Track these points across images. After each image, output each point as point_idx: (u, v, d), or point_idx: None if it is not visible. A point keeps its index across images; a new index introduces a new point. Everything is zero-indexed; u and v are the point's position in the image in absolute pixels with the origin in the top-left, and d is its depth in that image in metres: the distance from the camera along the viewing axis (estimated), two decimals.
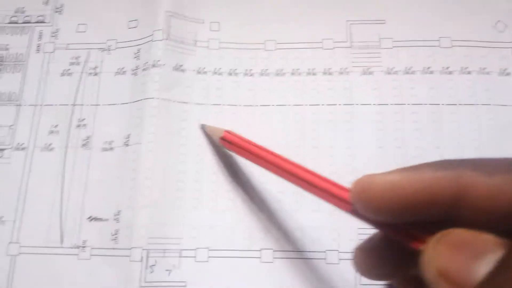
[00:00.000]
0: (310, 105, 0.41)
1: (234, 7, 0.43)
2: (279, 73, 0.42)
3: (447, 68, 0.41)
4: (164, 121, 0.40)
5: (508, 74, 0.40)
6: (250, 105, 0.41)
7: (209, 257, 0.37)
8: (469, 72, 0.41)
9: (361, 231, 0.37)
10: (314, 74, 0.42)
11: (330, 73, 0.41)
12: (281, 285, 0.36)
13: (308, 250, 0.38)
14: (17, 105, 0.43)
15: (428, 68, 0.41)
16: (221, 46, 0.43)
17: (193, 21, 0.43)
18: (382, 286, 0.34)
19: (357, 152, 0.40)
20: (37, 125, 0.43)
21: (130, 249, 0.38)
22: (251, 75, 0.42)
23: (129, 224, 0.38)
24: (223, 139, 0.37)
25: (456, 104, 0.40)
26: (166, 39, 0.42)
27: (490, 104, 0.40)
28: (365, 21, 0.43)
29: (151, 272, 0.37)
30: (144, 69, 0.41)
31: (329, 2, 0.44)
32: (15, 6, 0.46)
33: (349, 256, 0.36)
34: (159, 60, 0.41)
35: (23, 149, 0.42)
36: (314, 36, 0.43)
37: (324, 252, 0.38)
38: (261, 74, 0.42)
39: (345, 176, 0.37)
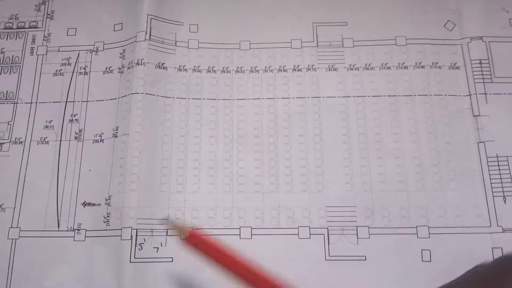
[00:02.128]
0: (281, 98, 0.43)
1: (211, 10, 0.45)
2: (253, 70, 0.43)
3: (403, 63, 0.43)
4: (149, 114, 0.41)
5: (457, 67, 0.43)
6: (228, 99, 0.42)
7: (198, 231, 0.38)
8: (423, 67, 0.43)
9: (329, 209, 0.38)
10: (285, 70, 0.43)
11: (299, 70, 0.43)
12: (259, 258, 0.38)
13: (282, 227, 0.39)
14: (14, 103, 0.44)
15: (386, 64, 0.43)
16: (200, 46, 0.44)
17: (173, 23, 0.44)
18: (348, 258, 0.36)
19: (325, 139, 0.41)
20: (33, 120, 0.44)
21: (121, 229, 0.39)
22: (228, 72, 0.43)
23: (119, 207, 0.39)
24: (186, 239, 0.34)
25: (411, 95, 0.42)
26: (149, 39, 0.43)
27: (442, 95, 0.42)
28: (329, 23, 0.45)
29: (140, 250, 0.38)
30: (129, 67, 0.42)
31: (297, 7, 0.46)
32: (10, 13, 0.47)
33: (318, 231, 0.38)
34: (143, 59, 0.42)
35: (20, 142, 0.43)
36: (284, 37, 0.45)
37: (297, 228, 0.39)
38: (237, 71, 0.43)
39: (314, 161, 0.39)
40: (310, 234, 0.40)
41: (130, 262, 0.38)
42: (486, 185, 0.40)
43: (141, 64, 0.42)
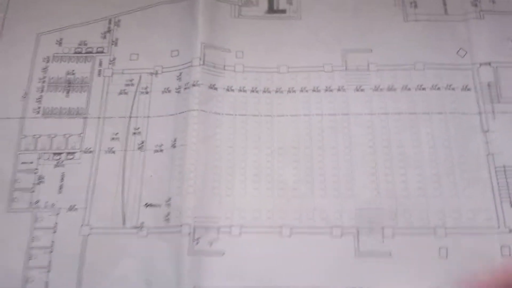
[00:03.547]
0: (316, 114, 0.46)
1: (254, 39, 0.49)
2: (290, 91, 0.47)
3: (421, 85, 0.46)
4: (203, 127, 0.45)
5: (469, 89, 0.46)
6: (269, 115, 0.46)
7: (241, 232, 0.42)
8: (438, 88, 0.46)
9: (358, 211, 0.42)
10: (318, 91, 0.47)
11: (330, 90, 0.47)
12: (296, 254, 0.41)
13: (317, 226, 0.42)
14: (84, 117, 0.47)
15: (406, 85, 0.46)
16: (244, 70, 0.48)
17: (222, 50, 0.48)
18: (375, 254, 0.39)
19: (353, 150, 0.45)
20: (101, 133, 0.47)
21: (180, 226, 0.42)
22: (269, 92, 0.47)
23: (178, 207, 0.43)
24: None
25: (429, 113, 0.45)
26: (202, 64, 0.46)
27: (455, 113, 0.45)
28: (356, 50, 0.48)
29: (197, 244, 0.41)
30: (185, 88, 0.46)
31: (328, 36, 0.49)
32: (79, 40, 0.51)
33: (349, 230, 0.42)
34: (198, 81, 0.46)
35: (90, 152, 0.46)
36: (317, 61, 0.48)
37: (330, 227, 0.42)
38: (276, 91, 0.47)
39: (345, 170, 0.43)
40: (341, 233, 0.42)
41: (188, 255, 0.41)
42: (494, 192, 0.43)
43: (196, 85, 0.46)
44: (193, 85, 0.46)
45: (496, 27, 0.48)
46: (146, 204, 0.44)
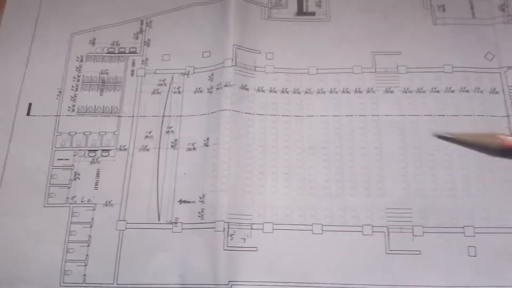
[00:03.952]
0: (345, 115, 0.47)
1: (284, 41, 0.49)
2: (320, 92, 0.47)
3: (450, 88, 0.47)
4: (235, 127, 0.46)
5: (497, 92, 0.46)
6: (299, 116, 0.46)
7: (273, 229, 0.43)
8: (467, 91, 0.46)
9: (388, 210, 0.43)
10: (348, 92, 0.47)
11: (360, 92, 0.47)
12: (327, 251, 0.42)
13: (349, 224, 0.43)
14: (118, 116, 0.48)
15: (435, 88, 0.47)
16: (275, 71, 0.48)
17: (253, 51, 0.49)
18: (406, 252, 0.40)
19: (384, 151, 0.45)
20: (135, 131, 0.48)
21: (214, 222, 0.43)
22: (299, 93, 0.48)
23: (212, 204, 0.43)
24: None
25: (458, 115, 0.46)
26: (234, 65, 0.47)
27: (483, 115, 0.46)
28: (385, 53, 0.49)
29: (231, 240, 0.42)
30: (217, 88, 0.47)
31: (357, 38, 0.50)
32: (112, 40, 0.51)
33: (380, 229, 0.43)
34: (230, 81, 0.47)
35: (125, 149, 0.47)
36: (347, 63, 0.49)
37: (361, 226, 0.43)
38: (306, 92, 0.47)
39: (375, 169, 0.44)
40: (372, 231, 0.43)
41: (223, 250, 0.41)
42: None
43: (228, 86, 0.46)
44: (226, 85, 0.47)
45: None
46: (180, 200, 0.45)
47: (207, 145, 0.45)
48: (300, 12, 0.51)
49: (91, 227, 0.44)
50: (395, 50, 0.50)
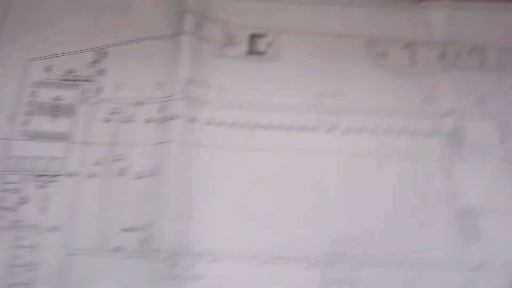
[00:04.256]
0: (290, 151, 0.50)
1: (234, 77, 0.51)
2: (268, 127, 0.49)
3: (389, 130, 0.49)
4: (182, 158, 0.47)
5: (433, 136, 0.50)
6: (246, 150, 0.49)
7: (217, 260, 0.44)
8: (404, 134, 0.50)
9: (329, 243, 0.46)
10: (293, 129, 0.50)
11: (304, 129, 0.50)
12: (268, 284, 0.45)
13: (290, 257, 0.46)
14: (69, 142, 0.49)
15: (375, 129, 0.50)
16: (224, 106, 0.50)
17: (203, 86, 0.50)
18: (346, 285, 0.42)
19: (326, 186, 0.49)
20: (84, 158, 0.48)
21: (158, 251, 0.44)
22: (247, 127, 0.50)
23: (157, 233, 0.45)
24: None
25: (394, 156, 0.49)
26: (184, 98, 0.49)
27: (420, 158, 0.50)
28: (329, 93, 0.52)
29: (175, 269, 0.43)
30: (167, 120, 0.48)
31: (304, 79, 0.53)
32: (68, 67, 0.52)
33: (320, 261, 0.45)
34: (179, 114, 0.48)
35: (73, 175, 0.48)
36: (292, 102, 0.52)
37: (302, 258, 0.46)
38: (254, 127, 0.49)
39: (316, 203, 0.48)
40: (312, 264, 0.46)
41: (165, 279, 0.43)
42: (456, 231, 0.47)
43: (177, 117, 0.48)
44: (175, 117, 0.47)
45: (460, 80, 0.52)
46: (125, 228, 0.45)
47: (155, 175, 0.46)
48: (251, 51, 0.52)
49: (36, 251, 0.44)
50: (338, 92, 0.52)
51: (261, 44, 0.53)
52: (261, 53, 0.53)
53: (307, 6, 0.55)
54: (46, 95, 0.51)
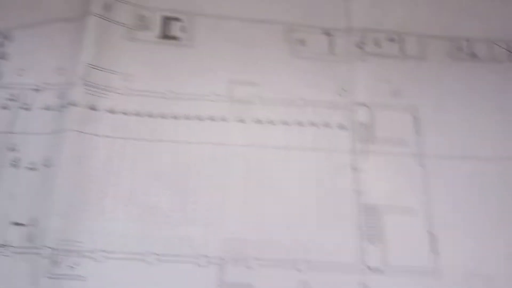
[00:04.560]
0: (196, 143, 0.48)
1: (144, 63, 0.48)
2: (175, 117, 0.46)
3: (300, 121, 0.47)
4: (78, 148, 0.44)
5: (344, 128, 0.48)
6: (149, 140, 0.46)
7: (105, 258, 0.41)
8: (315, 125, 0.47)
9: (225, 242, 0.44)
10: (201, 119, 0.47)
11: (213, 120, 0.47)
12: (161, 283, 0.42)
13: (185, 255, 0.44)
14: None
15: (286, 121, 0.47)
16: (129, 93, 0.47)
17: (108, 71, 0.47)
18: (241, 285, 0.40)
19: (228, 180, 0.46)
20: None
21: (42, 247, 0.41)
22: (152, 116, 0.47)
23: (43, 228, 0.41)
24: None
25: (303, 149, 0.47)
26: (85, 85, 0.45)
27: (329, 150, 0.47)
28: (243, 83, 0.50)
29: (58, 267, 0.40)
30: (65, 107, 0.45)
31: (218, 66, 0.51)
32: None
33: (215, 260, 0.43)
34: (77, 101, 0.45)
35: None
36: (204, 90, 0.49)
37: (197, 257, 0.44)
38: (160, 117, 0.46)
39: (217, 199, 0.46)
40: (207, 263, 0.43)
41: (47, 278, 0.40)
42: (357, 230, 0.44)
43: (74, 105, 0.45)
44: (72, 104, 0.44)
45: (378, 70, 0.49)
46: (13, 222, 0.43)
47: (48, 166, 0.43)
48: (164, 35, 0.49)
49: None
50: (252, 81, 0.49)
51: (175, 29, 0.50)
52: (174, 38, 0.49)
53: None
54: None
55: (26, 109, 0.47)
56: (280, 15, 0.52)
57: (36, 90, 0.48)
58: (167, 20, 0.51)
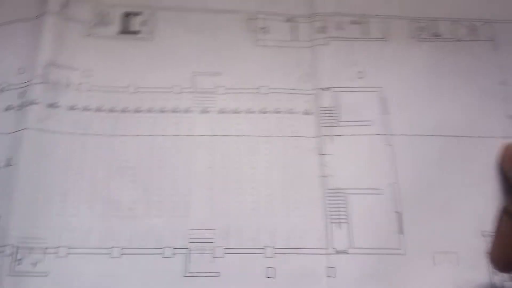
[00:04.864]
0: (160, 135, 0.45)
1: (105, 58, 0.48)
2: (137, 111, 0.46)
3: (264, 109, 0.46)
4: (38, 146, 0.44)
5: (309, 113, 0.46)
6: (112, 135, 0.45)
7: (68, 253, 0.40)
8: (279, 112, 0.46)
9: (191, 231, 0.44)
10: (164, 112, 0.46)
11: (177, 111, 0.46)
12: (125, 275, 0.41)
13: (150, 247, 0.42)
14: None
15: (250, 109, 0.46)
16: (91, 89, 0.47)
17: (68, 68, 0.47)
18: (204, 274, 0.40)
19: (193, 171, 0.44)
20: None
21: (3, 246, 0.40)
22: (115, 111, 0.46)
23: (3, 226, 0.41)
24: None
25: (269, 136, 0.45)
26: (44, 82, 0.45)
27: (294, 136, 0.45)
28: (206, 73, 0.48)
29: (19, 265, 0.39)
30: (25, 106, 0.44)
31: (180, 58, 0.50)
32: None
33: (181, 251, 0.42)
34: (36, 99, 0.44)
35: None
36: (167, 83, 0.47)
37: (162, 248, 0.41)
38: (123, 111, 0.46)
39: (182, 190, 0.44)
40: (173, 253, 0.42)
41: (8, 276, 0.39)
42: (324, 213, 0.42)
43: (34, 103, 0.44)
44: (32, 103, 0.44)
45: (342, 53, 0.49)
46: None
47: (9, 165, 0.42)
48: (123, 30, 0.49)
49: None
50: (215, 71, 0.49)
51: (135, 23, 0.49)
52: (134, 32, 0.49)
53: None
54: None
55: None
56: (242, 4, 0.51)
57: None
58: (127, 16, 0.49)
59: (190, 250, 0.42)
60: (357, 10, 0.51)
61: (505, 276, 0.39)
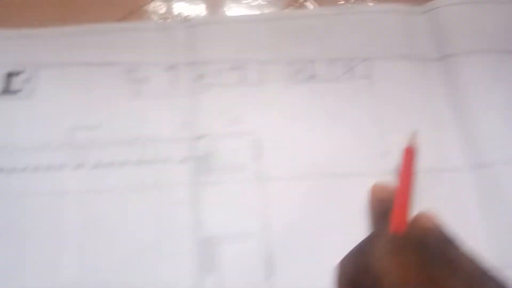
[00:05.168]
0: (34, 194, 0.47)
1: None
2: (13, 171, 0.47)
3: (141, 159, 0.48)
4: None
5: (184, 162, 0.48)
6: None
7: None
8: (154, 162, 0.48)
9: None
10: (38, 170, 0.48)
11: (51, 169, 0.48)
12: None
13: None
14: None
15: (125, 161, 0.48)
16: None
17: None
18: None
19: (64, 229, 0.45)
20: None
21: None
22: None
23: None
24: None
25: (142, 187, 0.46)
26: None
27: (168, 186, 0.46)
28: (85, 127, 0.49)
29: None
30: None
31: (59, 114, 0.51)
32: None
33: None
34: None
35: None
36: (44, 139, 0.50)
37: None
38: None
39: (52, 249, 0.45)
40: None
41: None
42: (198, 262, 0.44)
43: None
44: None
45: (219, 100, 0.49)
46: None
47: None
48: (5, 90, 0.49)
49: None
50: (95, 124, 0.48)
51: (16, 82, 0.49)
52: (15, 92, 0.49)
53: (66, 38, 0.53)
54: None
55: None
56: (124, 55, 0.51)
57: None
58: (9, 76, 0.49)
59: None
60: (237, 56, 0.51)
61: None
